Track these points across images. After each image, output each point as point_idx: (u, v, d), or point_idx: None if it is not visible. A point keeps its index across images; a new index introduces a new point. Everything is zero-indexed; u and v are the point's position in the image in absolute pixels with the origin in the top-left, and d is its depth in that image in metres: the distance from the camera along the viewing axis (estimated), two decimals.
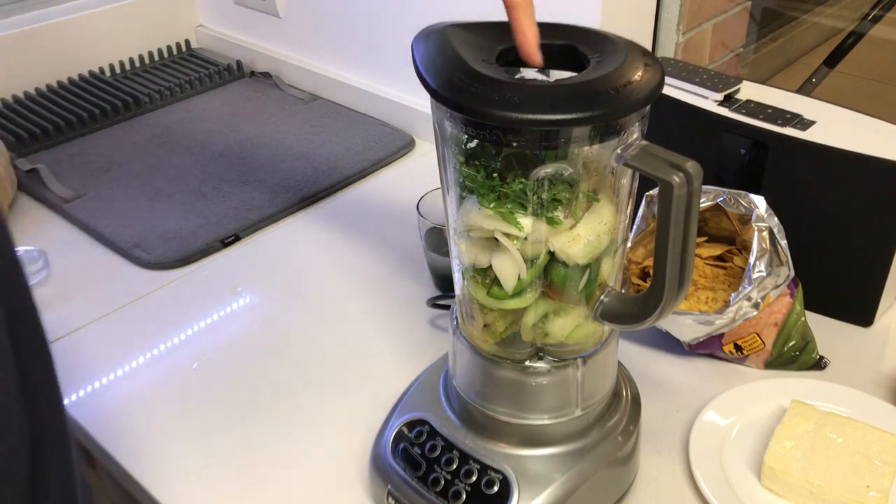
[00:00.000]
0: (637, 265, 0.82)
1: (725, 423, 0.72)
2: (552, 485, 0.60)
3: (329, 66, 1.35)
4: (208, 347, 0.86)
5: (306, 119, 1.29)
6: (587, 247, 0.54)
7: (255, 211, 1.06)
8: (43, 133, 1.24)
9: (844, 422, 0.68)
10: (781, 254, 0.73)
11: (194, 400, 0.80)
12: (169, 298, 0.93)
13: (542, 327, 0.58)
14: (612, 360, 0.64)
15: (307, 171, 1.14)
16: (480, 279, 0.57)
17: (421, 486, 0.63)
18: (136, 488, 0.73)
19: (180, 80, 1.39)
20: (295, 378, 0.82)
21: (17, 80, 1.34)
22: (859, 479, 0.64)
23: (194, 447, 0.75)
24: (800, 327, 0.78)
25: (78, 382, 0.82)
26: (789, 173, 0.81)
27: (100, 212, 1.07)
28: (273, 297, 0.94)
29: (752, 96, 0.85)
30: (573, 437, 0.63)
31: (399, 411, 0.69)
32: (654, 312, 0.54)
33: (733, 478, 0.67)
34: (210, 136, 1.25)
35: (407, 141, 1.21)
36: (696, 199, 0.49)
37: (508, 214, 0.52)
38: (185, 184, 1.12)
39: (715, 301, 0.80)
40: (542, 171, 0.51)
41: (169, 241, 1.01)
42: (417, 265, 0.94)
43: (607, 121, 0.48)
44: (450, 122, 0.53)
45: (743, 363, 0.80)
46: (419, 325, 0.87)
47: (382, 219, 1.06)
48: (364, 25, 1.25)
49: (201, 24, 1.56)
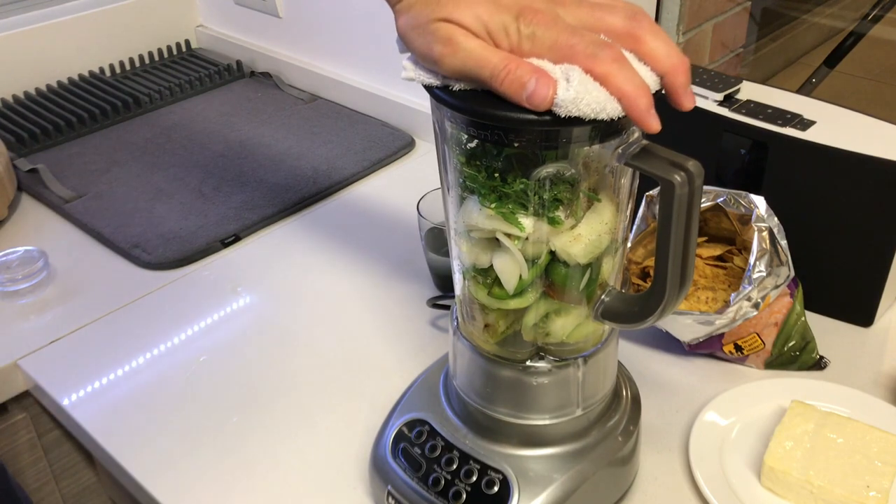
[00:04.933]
0: (637, 265, 0.82)
1: (725, 423, 0.72)
2: (552, 485, 0.60)
3: (329, 66, 1.35)
4: (208, 347, 0.86)
5: (306, 119, 1.29)
6: (588, 246, 0.54)
7: (255, 211, 1.06)
8: (43, 133, 1.24)
9: (844, 422, 0.68)
10: (781, 254, 0.73)
11: (194, 400, 0.80)
12: (169, 298, 0.93)
13: (543, 327, 0.58)
14: (612, 359, 0.64)
15: (307, 171, 1.14)
16: (481, 279, 0.57)
17: (421, 486, 0.63)
18: (136, 488, 0.73)
19: (180, 80, 1.39)
20: (295, 378, 0.82)
21: (17, 80, 1.34)
22: (859, 479, 0.64)
23: (194, 447, 0.74)
24: (800, 327, 0.78)
25: (78, 382, 0.82)
26: (789, 173, 0.81)
27: (100, 212, 1.07)
28: (273, 297, 0.94)
29: (752, 96, 0.85)
30: (573, 437, 0.63)
31: (399, 411, 0.69)
32: (656, 311, 0.54)
33: (733, 478, 0.67)
34: (210, 136, 1.25)
35: (407, 141, 1.21)
36: (697, 199, 0.49)
37: (509, 214, 0.52)
38: (185, 184, 1.12)
39: (715, 301, 0.80)
40: (543, 171, 0.51)
41: (169, 241, 1.01)
42: (417, 265, 0.94)
43: (608, 120, 0.48)
44: (450, 123, 0.53)
45: (743, 363, 0.80)
46: (419, 325, 0.87)
47: (382, 219, 1.06)
48: (364, 25, 1.25)
49: (201, 24, 1.56)
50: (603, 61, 0.45)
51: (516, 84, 0.45)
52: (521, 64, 0.46)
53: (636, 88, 0.45)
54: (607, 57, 0.45)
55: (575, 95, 0.44)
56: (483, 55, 0.46)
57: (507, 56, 0.46)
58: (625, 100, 0.45)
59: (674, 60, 0.47)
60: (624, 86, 0.45)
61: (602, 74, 0.45)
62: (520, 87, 0.45)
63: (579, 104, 0.45)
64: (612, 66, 0.45)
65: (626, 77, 0.45)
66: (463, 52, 0.47)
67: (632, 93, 0.45)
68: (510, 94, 0.46)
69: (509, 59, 0.46)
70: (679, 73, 0.48)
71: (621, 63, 0.45)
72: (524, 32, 0.46)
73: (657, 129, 0.46)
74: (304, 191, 1.10)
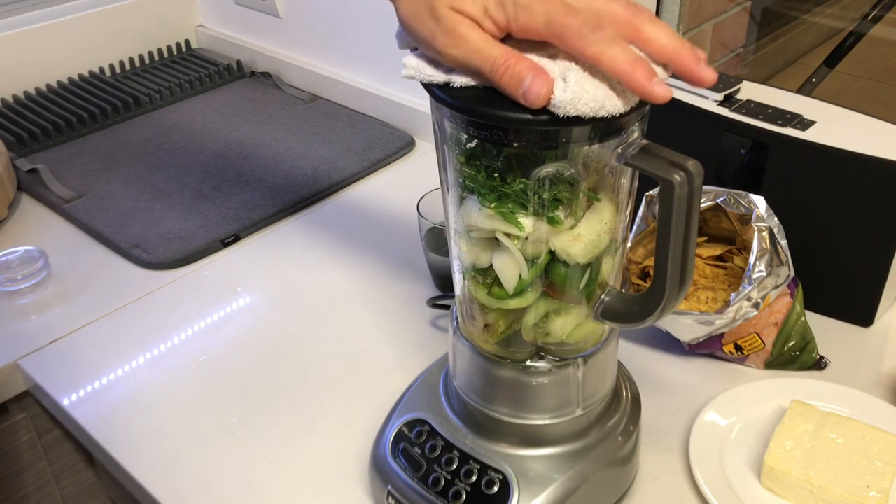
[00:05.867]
0: (637, 265, 0.82)
1: (725, 423, 0.72)
2: (552, 485, 0.60)
3: (329, 66, 1.35)
4: (208, 347, 0.86)
5: (306, 119, 1.29)
6: (588, 246, 0.54)
7: (255, 211, 1.06)
8: (43, 133, 1.24)
9: (844, 422, 0.68)
10: (781, 254, 0.73)
11: (194, 400, 0.80)
12: (169, 298, 0.93)
13: (543, 327, 0.58)
14: (612, 359, 0.64)
15: (307, 171, 1.14)
16: (481, 279, 0.57)
17: (421, 486, 0.63)
18: (136, 488, 0.73)
19: (180, 80, 1.39)
20: (295, 378, 0.82)
21: (17, 80, 1.34)
22: (859, 479, 0.64)
23: (194, 447, 0.74)
24: (800, 327, 0.78)
25: (78, 382, 0.82)
26: (789, 173, 0.81)
27: (100, 212, 1.07)
28: (273, 297, 0.94)
29: (752, 96, 0.85)
30: (573, 436, 0.63)
31: (399, 411, 0.69)
32: (656, 311, 0.54)
33: (733, 478, 0.67)
34: (210, 136, 1.25)
35: (407, 141, 1.21)
36: (697, 198, 0.49)
37: (509, 214, 0.52)
38: (185, 184, 1.12)
39: (715, 301, 0.80)
40: (542, 170, 0.51)
41: (169, 241, 1.01)
42: (417, 265, 0.94)
43: (607, 120, 0.48)
44: (450, 123, 0.52)
45: (743, 363, 0.80)
46: (419, 325, 0.87)
47: (382, 219, 1.06)
48: (364, 25, 1.25)
49: (201, 24, 1.56)
50: (594, 42, 0.45)
51: (515, 79, 0.45)
52: (521, 60, 0.46)
53: (630, 63, 0.44)
54: (598, 38, 0.45)
55: (572, 96, 0.45)
56: (485, 49, 0.47)
57: (507, 51, 0.46)
58: (622, 77, 0.45)
59: (675, 44, 0.47)
60: (616, 63, 0.44)
61: (594, 54, 0.45)
62: (517, 82, 0.45)
63: (577, 104, 0.45)
64: (604, 45, 0.45)
65: (618, 53, 0.44)
66: (466, 44, 0.47)
67: (627, 68, 0.44)
68: (508, 89, 0.46)
69: (509, 54, 0.46)
70: (683, 55, 0.47)
71: (613, 41, 0.45)
72: (521, 3, 0.46)
73: (665, 96, 0.45)
74: (304, 191, 1.10)
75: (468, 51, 0.47)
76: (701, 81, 0.47)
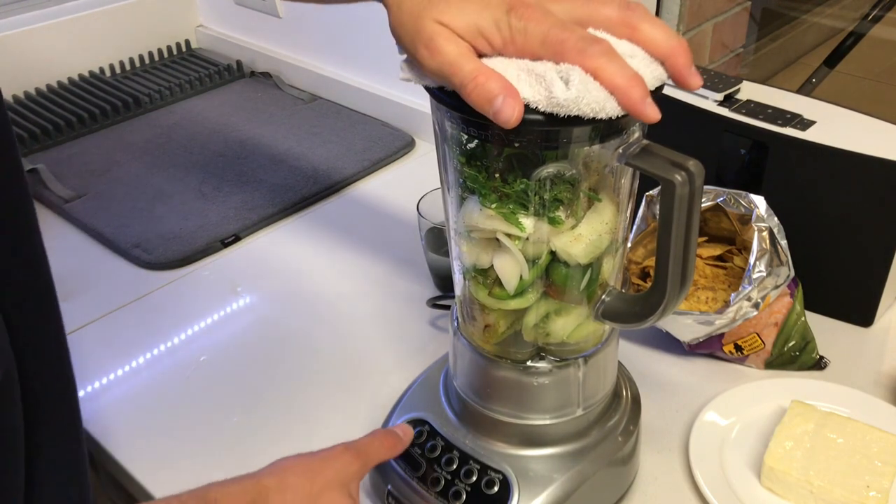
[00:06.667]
0: (637, 265, 0.82)
1: (725, 423, 0.72)
2: (552, 485, 0.60)
3: (329, 66, 1.35)
4: (208, 347, 0.86)
5: (306, 119, 1.29)
6: (589, 246, 0.54)
7: (255, 211, 1.06)
8: (43, 133, 1.24)
9: (844, 422, 0.68)
10: (781, 254, 0.73)
11: (194, 400, 0.80)
12: (169, 298, 0.93)
13: (544, 327, 0.58)
14: (612, 359, 0.64)
15: (307, 171, 1.14)
16: (482, 279, 0.57)
17: (421, 486, 0.63)
18: (136, 488, 0.73)
19: (180, 80, 1.39)
20: (295, 378, 0.82)
21: (17, 80, 1.34)
22: (859, 479, 0.64)
23: (194, 447, 0.74)
24: (800, 327, 0.78)
25: (78, 382, 0.82)
26: (789, 173, 0.81)
27: (100, 212, 1.07)
28: (273, 297, 0.94)
29: (752, 96, 0.85)
30: (573, 437, 0.63)
31: (399, 411, 0.69)
32: (657, 311, 0.54)
33: (733, 478, 0.67)
34: (210, 136, 1.25)
35: (407, 141, 1.21)
36: (697, 198, 0.49)
37: (510, 215, 0.52)
38: (185, 184, 1.12)
39: (715, 301, 0.80)
40: (543, 171, 0.51)
41: (169, 241, 1.01)
42: (417, 265, 0.94)
43: (608, 121, 0.48)
44: (450, 123, 0.53)
45: (743, 363, 0.80)
46: (419, 325, 0.87)
47: (382, 219, 1.06)
48: (364, 25, 1.25)
49: (201, 24, 1.56)
50: (592, 56, 0.45)
51: (483, 97, 0.45)
52: (492, 77, 0.45)
53: (628, 80, 0.45)
54: (596, 51, 0.45)
55: (576, 95, 0.44)
56: (457, 62, 0.46)
57: (479, 67, 0.46)
58: (617, 92, 0.45)
59: (672, 43, 0.47)
60: (614, 78, 0.45)
61: (592, 69, 0.45)
62: (486, 101, 0.45)
63: (580, 104, 0.45)
64: (601, 60, 0.45)
65: (616, 70, 0.45)
66: (440, 56, 0.47)
67: (623, 84, 0.45)
68: (476, 105, 0.46)
69: (480, 70, 0.46)
70: (679, 55, 0.47)
71: (611, 56, 0.45)
72: (516, 27, 0.46)
73: (655, 118, 0.45)
74: (304, 191, 1.10)
75: (442, 62, 0.47)
76: (688, 85, 0.48)
